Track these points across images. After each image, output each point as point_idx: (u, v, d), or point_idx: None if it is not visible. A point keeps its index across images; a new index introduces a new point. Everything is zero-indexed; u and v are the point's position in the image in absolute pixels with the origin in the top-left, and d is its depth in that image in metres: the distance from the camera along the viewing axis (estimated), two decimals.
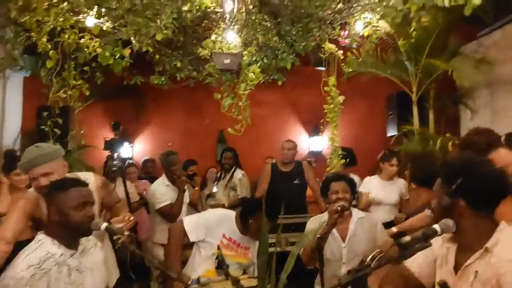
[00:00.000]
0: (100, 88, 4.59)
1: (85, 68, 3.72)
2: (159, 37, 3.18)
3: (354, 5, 4.33)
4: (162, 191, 3.42)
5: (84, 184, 1.78)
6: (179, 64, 4.60)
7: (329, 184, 2.49)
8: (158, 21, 3.37)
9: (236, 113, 3.91)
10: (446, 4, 3.65)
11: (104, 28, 3.76)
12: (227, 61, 3.75)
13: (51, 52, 3.57)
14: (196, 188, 4.45)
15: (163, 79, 4.84)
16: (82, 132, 4.00)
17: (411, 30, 4.90)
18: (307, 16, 4.44)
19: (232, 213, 2.55)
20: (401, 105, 5.44)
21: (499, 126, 5.01)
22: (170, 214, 3.33)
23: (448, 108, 5.53)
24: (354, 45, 4.74)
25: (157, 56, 4.62)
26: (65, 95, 3.65)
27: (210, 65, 4.11)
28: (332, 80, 4.51)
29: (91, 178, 2.27)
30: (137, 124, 6.25)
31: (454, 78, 4.54)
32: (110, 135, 5.70)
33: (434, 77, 5.04)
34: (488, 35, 5.29)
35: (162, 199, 3.36)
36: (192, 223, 2.46)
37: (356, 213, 2.56)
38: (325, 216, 2.38)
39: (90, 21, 3.66)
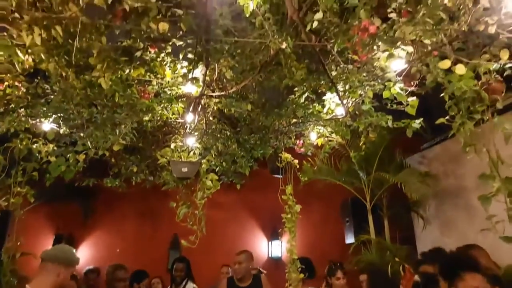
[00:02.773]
0: (47, 190, 4.33)
1: (34, 174, 3.53)
2: (116, 148, 3.14)
3: (308, 120, 4.66)
4: None
5: None
6: (135, 169, 4.52)
7: None
8: (117, 131, 3.39)
9: (191, 223, 3.77)
10: (390, 125, 4.02)
11: (61, 131, 3.71)
12: (185, 169, 3.73)
13: None
14: None
15: (117, 182, 4.69)
16: (19, 243, 3.61)
17: (361, 143, 5.30)
18: (264, 127, 4.69)
19: None
20: (357, 211, 5.56)
21: (449, 239, 5.24)
22: None
23: (402, 216, 5.70)
24: (309, 152, 4.98)
25: (113, 160, 4.55)
26: (6, 203, 3.38)
27: (167, 173, 4.07)
28: (289, 189, 4.58)
29: None
30: (83, 228, 5.80)
31: (404, 191, 4.79)
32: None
33: (385, 187, 5.28)
34: (430, 148, 5.79)
35: None
36: None
37: None
38: None
39: (46, 125, 3.61)
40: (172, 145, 3.96)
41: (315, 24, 2.72)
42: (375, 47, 3.13)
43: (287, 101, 4.34)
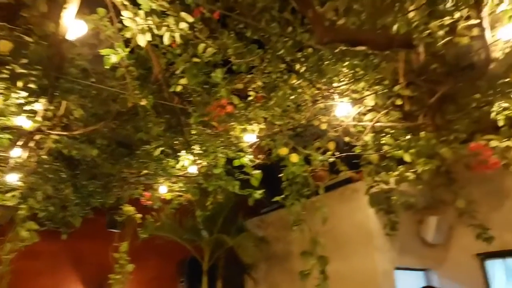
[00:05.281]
0: None
1: None
2: None
3: (159, 173, 4.52)
4: None
5: None
6: None
7: None
8: None
9: None
10: (236, 191, 4.24)
11: None
12: None
13: None
14: None
15: None
16: None
17: (208, 203, 5.41)
18: (109, 174, 4.33)
19: None
20: (194, 271, 5.49)
21: None
22: None
23: (236, 278, 5.87)
24: (156, 206, 4.80)
25: None
26: None
27: None
28: (124, 246, 4.23)
29: None
30: None
31: (239, 255, 5.01)
32: None
33: (224, 249, 5.41)
34: (268, 213, 6.30)
35: None
36: None
37: None
38: None
39: None
40: None
41: (179, 87, 2.77)
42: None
43: (140, 152, 4.15)
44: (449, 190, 3.99)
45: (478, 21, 2.05)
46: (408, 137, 3.40)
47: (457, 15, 2.16)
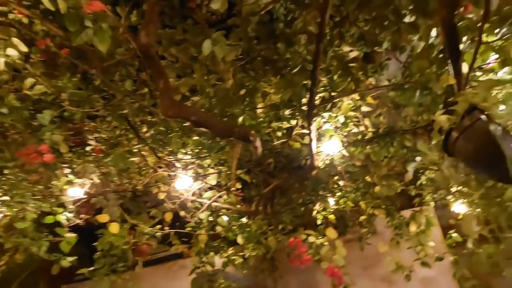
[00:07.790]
0: None
1: None
2: None
3: None
4: None
5: None
6: None
7: None
8: None
9: None
10: (42, 255, 3.54)
11: None
12: None
13: None
14: None
15: None
16: None
17: (1, 263, 4.36)
18: None
19: None
20: None
21: None
22: None
23: None
24: None
25: None
26: None
27: None
28: None
29: None
30: None
31: None
32: None
33: None
34: (84, 282, 5.41)
35: None
36: None
37: None
38: None
39: None
40: None
41: None
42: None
43: None
44: (271, 277, 4.18)
45: (308, 131, 2.33)
46: (243, 220, 3.50)
47: (293, 122, 2.44)
